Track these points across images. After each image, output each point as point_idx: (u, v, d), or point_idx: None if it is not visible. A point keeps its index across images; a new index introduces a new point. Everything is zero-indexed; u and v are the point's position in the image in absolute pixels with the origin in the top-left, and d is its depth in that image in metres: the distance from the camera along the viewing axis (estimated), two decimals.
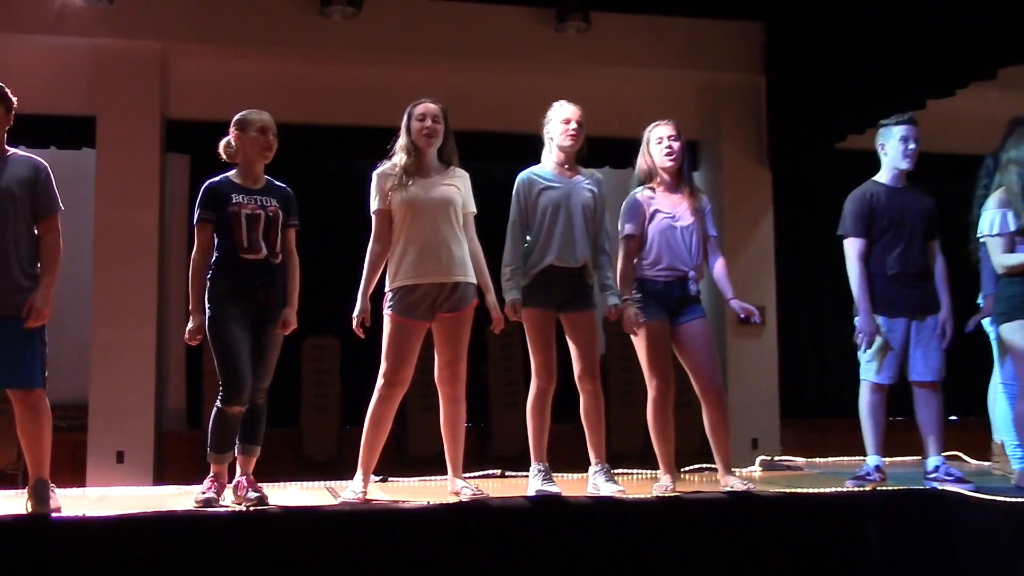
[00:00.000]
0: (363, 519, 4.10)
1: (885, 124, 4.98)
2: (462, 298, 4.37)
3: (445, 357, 4.42)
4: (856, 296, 4.87)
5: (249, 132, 4.29)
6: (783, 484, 4.94)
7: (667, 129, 4.71)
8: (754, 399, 8.75)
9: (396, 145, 4.45)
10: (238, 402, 4.17)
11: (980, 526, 4.28)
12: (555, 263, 4.48)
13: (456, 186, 4.45)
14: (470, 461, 5.47)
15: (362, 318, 4.35)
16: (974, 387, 9.53)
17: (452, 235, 4.37)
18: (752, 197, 9.14)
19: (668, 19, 8.85)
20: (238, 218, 4.20)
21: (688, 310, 4.61)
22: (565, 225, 4.49)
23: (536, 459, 4.54)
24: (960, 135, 8.58)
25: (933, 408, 4.85)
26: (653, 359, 4.62)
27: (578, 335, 4.53)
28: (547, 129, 4.66)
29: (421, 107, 4.44)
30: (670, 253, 4.62)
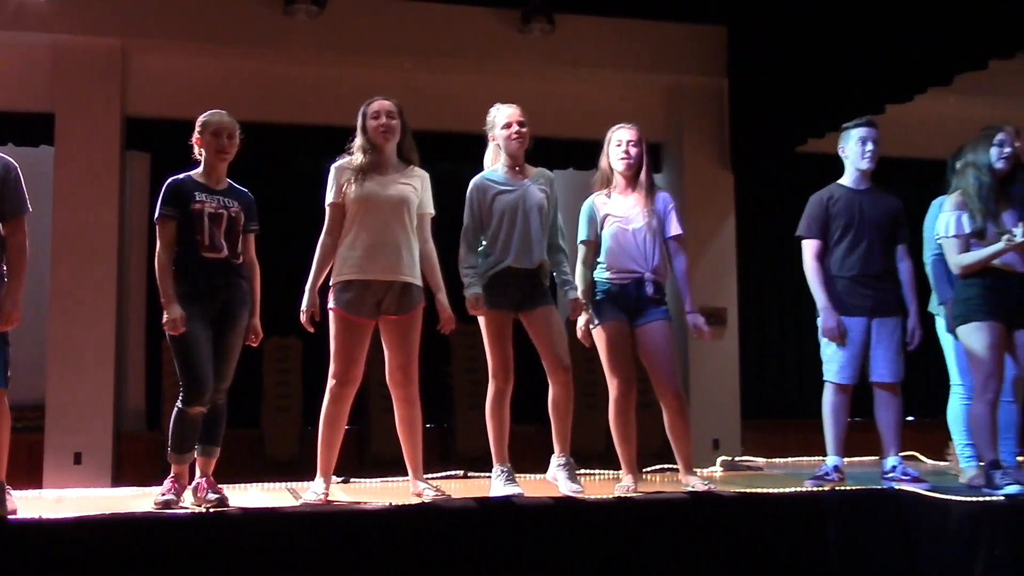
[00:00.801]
0: (324, 520, 4.07)
1: (845, 127, 5.05)
2: (408, 301, 4.34)
3: (395, 361, 4.38)
4: (815, 296, 4.93)
5: (205, 134, 4.27)
6: (743, 484, 4.98)
7: (627, 133, 4.74)
8: (715, 399, 8.82)
9: (353, 146, 4.42)
10: (199, 403, 4.13)
11: (936, 525, 4.34)
12: (512, 265, 4.49)
13: (413, 186, 4.42)
14: (433, 462, 5.47)
15: (310, 312, 4.31)
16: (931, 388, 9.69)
17: (403, 235, 4.34)
18: (714, 199, 9.22)
19: (632, 22, 8.90)
20: (200, 216, 4.17)
21: (647, 312, 4.63)
22: (522, 228, 4.49)
23: (498, 461, 4.54)
24: (919, 140, 8.72)
25: (892, 409, 4.91)
26: (613, 360, 4.64)
27: (540, 330, 4.54)
28: (491, 134, 4.66)
29: (375, 104, 4.42)
30: (623, 256, 4.64)
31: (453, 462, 7.28)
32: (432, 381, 8.54)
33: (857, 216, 4.92)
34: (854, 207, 4.94)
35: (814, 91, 7.75)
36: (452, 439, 8.51)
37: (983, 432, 4.50)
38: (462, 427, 8.50)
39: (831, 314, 4.88)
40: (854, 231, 4.91)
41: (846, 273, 4.91)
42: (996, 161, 4.60)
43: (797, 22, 7.95)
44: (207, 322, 4.16)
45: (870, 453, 5.34)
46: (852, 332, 4.88)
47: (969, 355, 4.57)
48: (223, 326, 4.21)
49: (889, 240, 4.97)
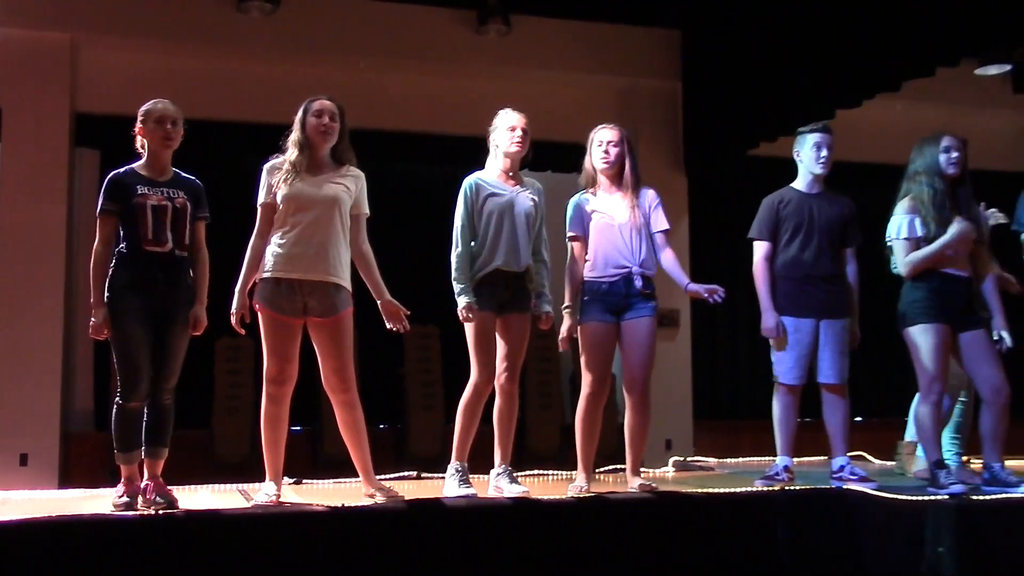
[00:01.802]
0: (276, 522, 4.04)
1: (801, 132, 5.13)
2: (334, 304, 4.29)
3: (328, 365, 4.34)
4: (759, 296, 5.00)
5: (148, 123, 4.20)
6: (695, 484, 5.02)
7: (608, 134, 4.78)
8: (668, 400, 8.86)
9: (288, 139, 4.38)
10: (136, 396, 4.07)
11: (882, 523, 4.41)
12: (501, 267, 4.51)
13: (346, 185, 4.38)
14: (386, 463, 5.45)
15: (240, 314, 4.27)
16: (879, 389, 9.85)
17: (333, 235, 4.30)
18: (668, 201, 9.07)
19: (588, 24, 8.94)
20: (143, 210, 4.11)
21: (636, 307, 4.66)
22: (510, 231, 4.52)
23: (457, 457, 4.55)
24: (868, 145, 8.86)
25: (840, 410, 4.98)
26: (591, 359, 4.67)
27: (511, 336, 4.56)
28: (493, 136, 4.67)
29: (318, 103, 4.38)
30: (610, 251, 4.67)
31: (406, 463, 7.26)
32: (385, 382, 8.55)
33: (807, 219, 4.99)
34: (804, 210, 5.01)
35: (766, 95, 7.84)
36: (405, 440, 8.48)
37: (928, 432, 4.58)
38: (415, 428, 8.48)
39: (771, 315, 4.95)
40: (804, 233, 4.98)
41: (795, 274, 4.98)
42: (947, 167, 4.67)
43: (750, 27, 8.04)
44: (146, 316, 4.08)
45: (820, 453, 5.41)
46: (800, 333, 4.95)
47: (914, 357, 4.65)
48: (163, 322, 4.13)
49: (839, 243, 5.05)
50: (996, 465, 4.59)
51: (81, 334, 8.26)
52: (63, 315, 7.88)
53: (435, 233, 4.72)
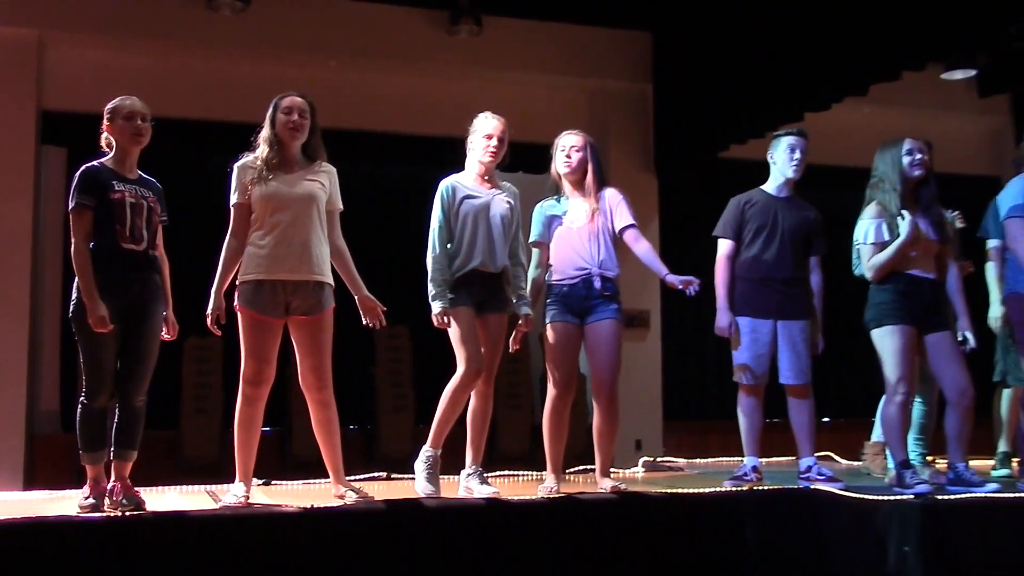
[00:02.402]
0: (244, 523, 4.01)
1: (776, 135, 5.17)
2: (318, 301, 4.27)
3: (307, 363, 4.32)
4: (716, 294, 5.05)
5: (117, 120, 4.15)
6: (664, 485, 5.05)
7: (570, 139, 4.81)
8: (638, 401, 8.90)
9: (259, 137, 4.35)
10: (102, 397, 4.04)
11: (849, 523, 4.45)
12: (479, 267, 4.51)
13: (320, 182, 4.36)
14: (355, 463, 5.44)
15: (216, 315, 4.24)
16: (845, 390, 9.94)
17: (313, 232, 4.28)
18: (638, 203, 9.16)
19: (559, 26, 8.96)
20: (122, 206, 4.06)
21: (598, 310, 4.68)
22: (486, 232, 4.53)
23: (432, 444, 4.53)
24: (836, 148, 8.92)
25: (804, 410, 5.03)
26: (556, 360, 4.69)
27: (487, 336, 4.56)
28: (470, 140, 4.67)
29: (288, 100, 4.34)
30: (569, 255, 4.70)
31: (376, 464, 7.25)
32: (355, 383, 8.52)
33: (771, 221, 5.03)
34: (770, 212, 5.05)
35: (736, 98, 7.90)
36: (375, 441, 8.47)
37: (894, 433, 4.63)
38: (385, 429, 8.46)
39: (725, 314, 5.01)
40: (766, 235, 5.03)
41: (754, 275, 5.02)
42: (910, 170, 4.72)
43: (720, 31, 8.10)
44: (118, 316, 4.03)
45: (788, 453, 5.46)
46: (757, 334, 4.99)
47: (882, 358, 4.69)
48: (136, 322, 4.08)
49: (803, 248, 5.09)
50: (961, 465, 4.64)
51: (48, 335, 8.20)
52: (29, 315, 7.79)
53: (405, 233, 4.72)
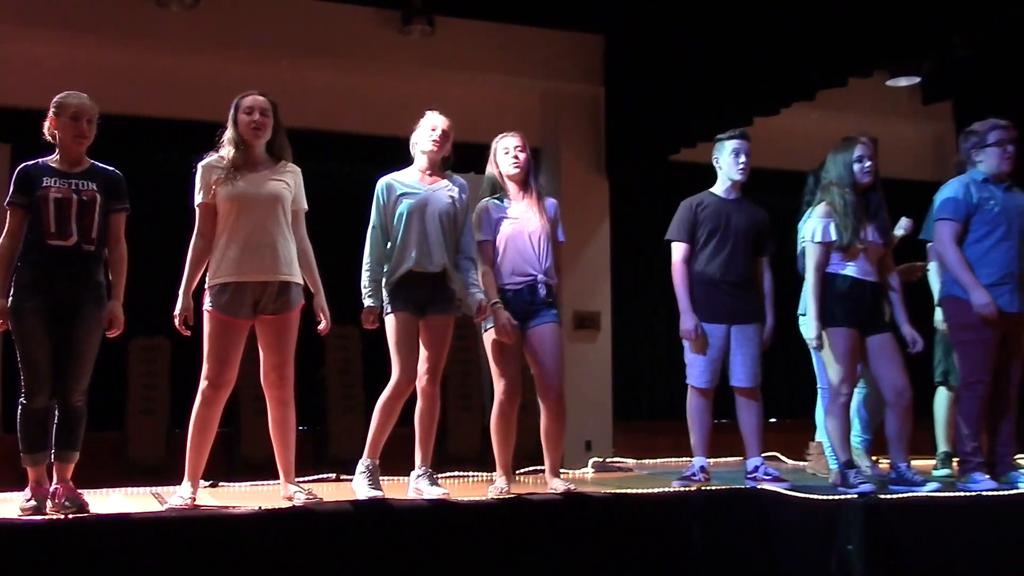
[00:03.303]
0: (191, 526, 3.97)
1: (720, 138, 5.21)
2: (287, 300, 4.26)
3: (271, 361, 4.30)
4: (678, 298, 5.08)
5: (62, 117, 4.09)
6: (614, 485, 5.08)
7: (514, 140, 4.79)
8: (588, 402, 8.95)
9: (223, 138, 4.31)
10: (40, 397, 3.97)
11: (794, 522, 4.51)
12: (414, 269, 4.48)
13: (286, 182, 4.34)
14: (305, 465, 5.39)
15: (184, 316, 4.20)
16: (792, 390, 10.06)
17: (279, 233, 4.26)
18: (590, 205, 9.36)
19: (512, 27, 8.97)
20: (46, 202, 3.99)
21: (539, 314, 4.68)
22: (420, 232, 4.49)
23: (369, 455, 4.52)
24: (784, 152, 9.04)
25: (753, 412, 5.08)
26: (502, 363, 4.67)
27: (432, 338, 4.54)
28: (414, 136, 4.65)
29: (249, 99, 4.31)
30: (519, 259, 4.68)
31: (326, 465, 7.20)
32: (305, 384, 8.43)
33: (723, 224, 5.08)
34: (721, 215, 5.10)
35: (687, 102, 7.97)
36: (325, 442, 8.41)
37: (837, 433, 4.71)
38: (335, 430, 8.41)
39: (690, 317, 5.03)
40: (719, 238, 5.07)
41: (708, 278, 5.06)
42: (860, 177, 4.79)
43: (672, 35, 8.17)
44: (48, 315, 3.97)
45: (736, 454, 5.51)
46: (711, 337, 5.04)
47: (825, 360, 4.77)
48: (68, 320, 4.00)
49: (753, 250, 5.15)
50: (902, 465, 4.72)
51: None
52: None
53: (355, 233, 4.68)
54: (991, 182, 4.91)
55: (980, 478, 4.75)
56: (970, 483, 4.75)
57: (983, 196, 4.87)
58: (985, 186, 4.90)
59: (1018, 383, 4.97)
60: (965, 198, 4.87)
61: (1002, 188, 4.92)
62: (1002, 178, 4.93)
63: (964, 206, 4.86)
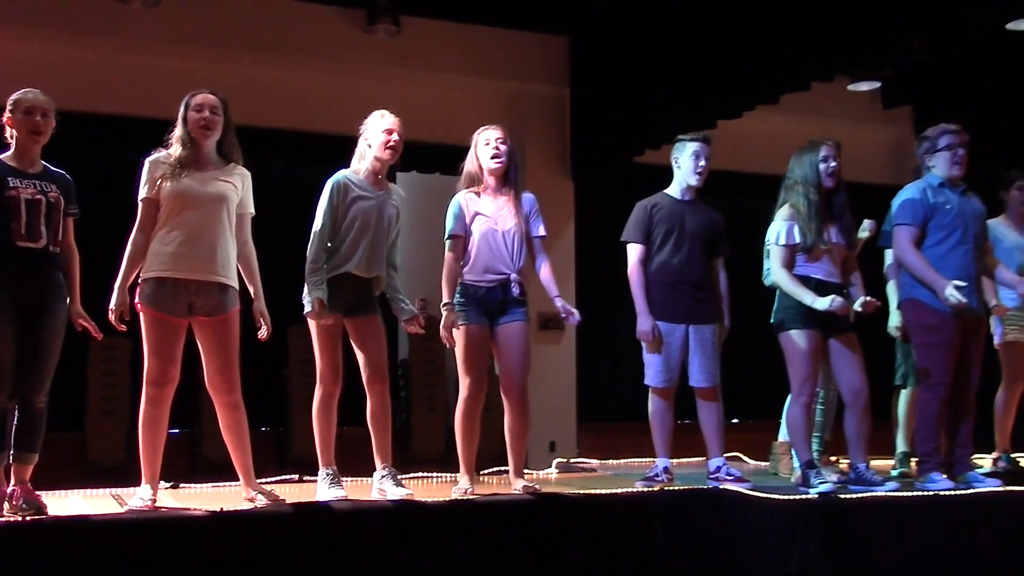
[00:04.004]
0: (151, 527, 3.93)
1: (681, 139, 5.22)
2: (222, 303, 4.21)
3: (213, 365, 4.25)
4: (635, 299, 5.10)
5: (16, 113, 4.04)
6: (577, 485, 5.09)
7: (495, 132, 4.79)
8: (552, 402, 8.97)
9: (172, 135, 4.27)
10: (1, 397, 3.91)
11: (756, 521, 4.54)
12: (353, 271, 4.47)
13: (233, 184, 4.29)
14: (268, 465, 5.37)
15: (120, 311, 4.15)
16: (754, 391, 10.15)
17: (220, 233, 4.21)
18: (555, 206, 9.35)
19: (477, 28, 8.97)
20: (17, 203, 3.94)
21: (509, 312, 4.68)
22: (373, 238, 4.49)
23: (323, 463, 4.52)
24: (747, 155, 9.13)
25: (712, 412, 5.12)
26: (468, 361, 4.67)
27: (366, 339, 4.53)
28: (365, 136, 4.62)
29: (199, 97, 4.27)
30: (491, 257, 4.68)
31: (289, 465, 7.16)
32: (267, 383, 8.40)
33: (679, 225, 5.11)
34: (676, 216, 5.12)
35: (651, 104, 8.01)
36: (288, 442, 8.35)
37: (799, 433, 4.75)
38: (298, 430, 8.33)
39: (647, 318, 5.05)
40: (675, 239, 5.09)
41: (665, 280, 5.09)
42: (825, 179, 4.84)
43: (637, 37, 8.21)
44: (16, 316, 3.92)
45: (700, 454, 5.55)
46: (670, 337, 5.06)
47: (787, 360, 4.81)
48: (35, 322, 3.97)
49: (709, 251, 5.18)
50: (861, 465, 4.78)
51: None
52: None
53: None
54: (947, 186, 4.99)
55: (938, 478, 4.82)
56: (928, 483, 4.81)
57: (939, 201, 4.95)
58: (941, 191, 4.98)
59: (976, 385, 5.05)
60: (922, 203, 4.94)
61: (958, 192, 5.00)
62: (957, 182, 5.01)
63: (921, 211, 4.93)
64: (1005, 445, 5.88)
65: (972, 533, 4.54)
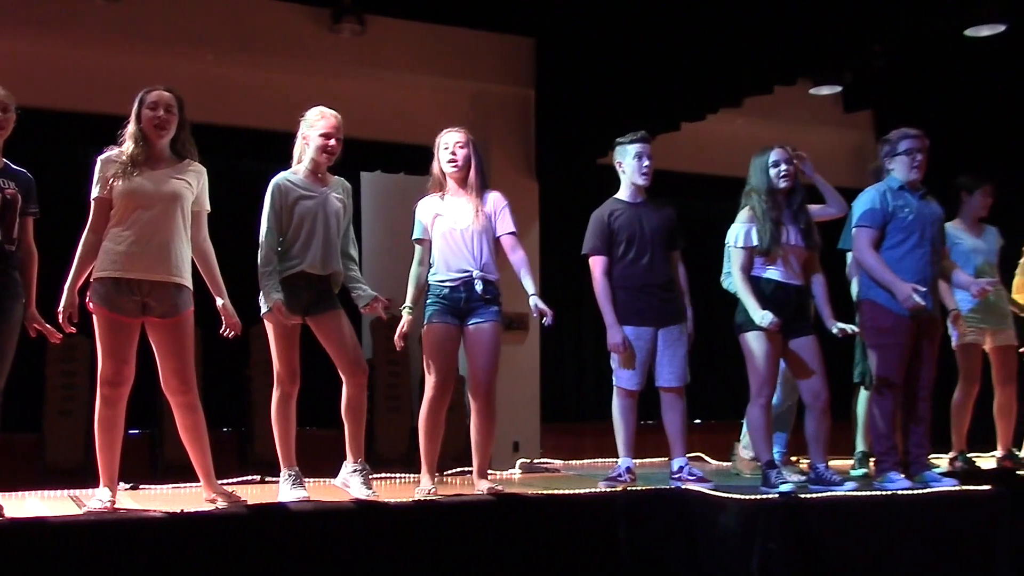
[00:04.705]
0: (109, 529, 3.89)
1: (620, 143, 5.23)
2: (175, 304, 4.17)
3: (168, 367, 4.20)
4: (603, 312, 5.11)
5: None
6: (541, 486, 5.10)
7: (454, 136, 4.79)
8: (516, 403, 8.97)
9: (124, 132, 4.21)
10: None
11: (717, 522, 4.57)
12: (307, 270, 4.45)
13: (188, 181, 4.24)
14: (229, 466, 5.32)
15: (68, 312, 4.10)
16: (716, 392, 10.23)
17: (175, 233, 4.17)
18: (519, 207, 9.24)
19: (443, 28, 8.96)
20: None
21: (478, 312, 4.68)
22: (323, 235, 4.47)
23: (285, 464, 4.50)
24: (710, 157, 9.20)
25: (678, 412, 5.14)
26: (434, 360, 4.67)
27: (332, 334, 4.51)
28: (303, 134, 4.59)
29: (154, 94, 4.21)
30: (452, 256, 4.68)
31: (251, 466, 7.11)
32: (229, 383, 8.34)
33: (638, 229, 5.12)
34: (634, 220, 5.14)
35: (615, 105, 8.05)
36: (250, 443, 8.30)
37: (759, 434, 4.80)
38: (260, 431, 8.27)
39: (617, 331, 5.05)
40: (637, 244, 5.11)
41: (633, 284, 5.10)
42: (777, 182, 4.89)
43: (602, 39, 8.24)
44: None
45: (662, 455, 5.58)
46: (639, 341, 5.08)
47: (747, 361, 4.86)
48: None
49: (668, 248, 5.20)
50: (821, 465, 4.84)
51: None
52: None
53: None
54: (906, 190, 5.06)
55: (895, 477, 4.88)
56: (885, 482, 4.88)
57: (898, 204, 5.02)
58: (900, 194, 5.05)
59: (932, 385, 5.12)
60: (882, 206, 5.01)
61: (917, 196, 5.07)
62: (916, 186, 5.09)
63: (880, 213, 5.00)
64: (961, 445, 5.97)
65: (929, 532, 4.61)
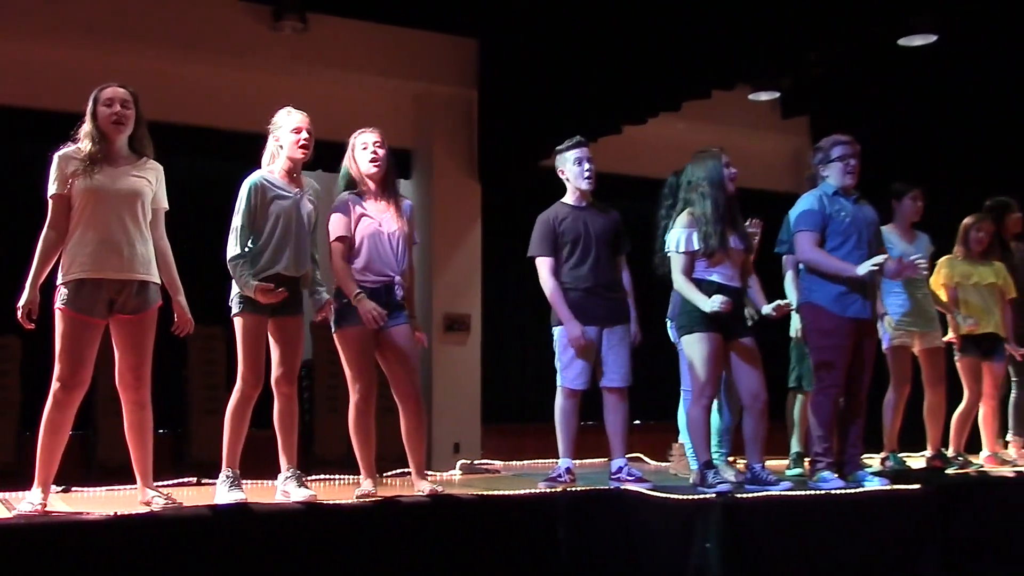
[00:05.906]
0: (40, 533, 3.81)
1: (560, 150, 5.30)
2: (144, 300, 4.14)
3: (127, 362, 4.17)
4: (557, 310, 5.14)
5: None
6: (481, 486, 5.11)
7: (373, 136, 4.78)
8: (457, 404, 8.98)
9: (79, 131, 4.15)
10: None
11: (656, 521, 4.63)
12: (282, 272, 4.43)
13: (147, 179, 4.21)
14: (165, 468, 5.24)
15: (28, 309, 4.03)
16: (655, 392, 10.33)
17: (136, 231, 4.13)
18: (462, 208, 9.39)
19: (386, 27, 8.93)
20: None
21: (393, 315, 4.67)
22: (297, 237, 4.46)
23: (228, 464, 4.45)
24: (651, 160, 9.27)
25: (619, 413, 5.19)
26: (357, 364, 4.66)
27: (285, 339, 4.50)
28: (276, 135, 4.56)
29: (109, 91, 4.15)
30: (378, 259, 4.67)
31: (187, 468, 7.00)
32: (166, 385, 8.19)
33: (583, 232, 5.17)
34: (579, 223, 5.19)
35: (558, 108, 8.10)
36: (187, 445, 8.18)
37: (699, 434, 4.85)
38: (197, 432, 8.18)
39: (574, 324, 5.08)
40: (582, 246, 5.16)
41: (579, 286, 5.15)
42: (728, 184, 4.95)
43: (545, 41, 8.29)
44: None
45: (601, 455, 5.62)
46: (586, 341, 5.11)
47: (689, 363, 4.91)
48: None
49: (613, 252, 5.26)
50: (757, 465, 4.91)
51: None
52: None
53: (221, 231, 4.58)
54: (841, 195, 5.17)
55: (829, 477, 4.97)
56: (820, 482, 4.96)
57: (834, 208, 5.12)
58: (836, 199, 5.15)
59: (867, 387, 5.22)
60: (820, 210, 5.11)
61: (851, 200, 5.18)
62: (850, 191, 5.19)
63: (819, 215, 5.11)
64: (892, 445, 6.10)
65: (862, 530, 4.71)
